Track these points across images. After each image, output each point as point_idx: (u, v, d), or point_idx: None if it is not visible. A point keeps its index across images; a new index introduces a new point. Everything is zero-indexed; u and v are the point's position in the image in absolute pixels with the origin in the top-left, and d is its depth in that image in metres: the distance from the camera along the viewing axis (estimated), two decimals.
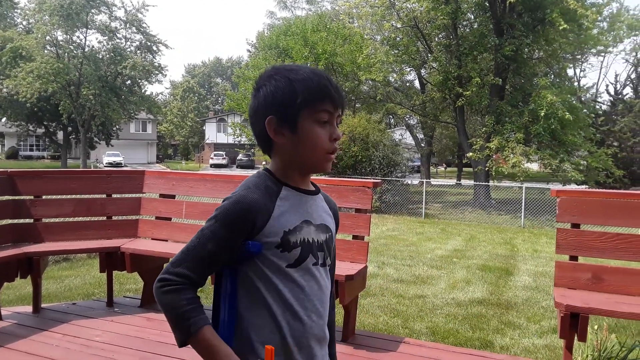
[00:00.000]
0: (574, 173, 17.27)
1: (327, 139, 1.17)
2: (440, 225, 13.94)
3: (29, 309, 3.75)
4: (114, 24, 34.98)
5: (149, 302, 3.98)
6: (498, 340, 4.23)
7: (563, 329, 2.68)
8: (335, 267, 1.37)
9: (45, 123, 38.78)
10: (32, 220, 3.83)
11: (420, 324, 4.58)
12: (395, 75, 23.32)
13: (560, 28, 16.26)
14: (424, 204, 16.51)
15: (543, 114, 16.27)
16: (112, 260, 3.75)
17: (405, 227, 13.15)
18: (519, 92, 19.41)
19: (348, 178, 14.75)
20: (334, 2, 31.95)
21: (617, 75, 43.29)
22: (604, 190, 3.39)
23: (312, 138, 1.16)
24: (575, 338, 2.71)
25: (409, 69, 23.39)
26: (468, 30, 20.69)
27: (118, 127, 41.01)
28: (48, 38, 31.95)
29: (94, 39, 52.90)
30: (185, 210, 3.95)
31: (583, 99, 32.40)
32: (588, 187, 18.83)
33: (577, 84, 33.91)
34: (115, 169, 8.86)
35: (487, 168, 17.89)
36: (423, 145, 30.48)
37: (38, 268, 3.58)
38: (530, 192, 16.49)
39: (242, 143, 36.37)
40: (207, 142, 58.41)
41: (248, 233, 1.12)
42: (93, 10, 33.26)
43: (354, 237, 3.40)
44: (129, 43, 36.12)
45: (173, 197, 4.08)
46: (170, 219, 4.04)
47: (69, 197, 4.08)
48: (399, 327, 4.47)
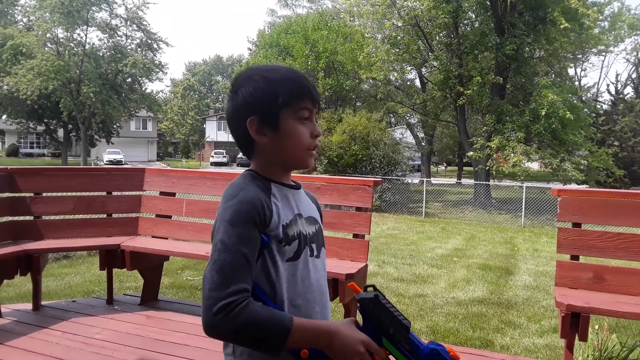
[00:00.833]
0: (575, 172, 17.27)
1: (308, 136, 1.19)
2: (441, 224, 13.94)
3: (29, 307, 3.74)
4: (115, 22, 35.05)
5: (149, 299, 3.97)
6: (498, 340, 4.23)
7: (564, 329, 2.67)
8: (336, 266, 1.36)
9: (46, 120, 38.75)
10: (32, 218, 3.82)
11: (421, 323, 4.57)
12: (396, 74, 23.30)
13: (562, 27, 16.25)
14: (425, 203, 16.51)
15: (544, 113, 16.27)
16: (112, 258, 3.74)
17: (406, 226, 13.15)
18: (520, 91, 19.40)
19: (348, 177, 14.74)
20: (335, 0, 31.95)
21: (617, 75, 43.34)
22: (606, 190, 3.38)
23: (294, 136, 1.18)
24: (576, 338, 2.70)
25: (410, 68, 23.36)
26: (469, 29, 20.67)
27: (118, 124, 40.98)
28: (49, 35, 31.96)
29: (95, 37, 52.86)
30: (186, 208, 3.94)
31: (584, 99, 32.37)
32: (588, 186, 18.81)
33: (578, 84, 33.90)
34: (116, 167, 8.85)
35: (487, 167, 17.88)
36: (423, 144, 30.46)
37: (38, 265, 3.57)
38: (531, 191, 16.49)
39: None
40: (207, 140, 58.41)
41: (262, 227, 1.12)
42: (94, 8, 33.27)
43: (355, 235, 3.39)
44: (130, 41, 36.17)
45: (173, 195, 4.07)
46: (171, 217, 4.03)
47: (69, 194, 4.07)
48: None
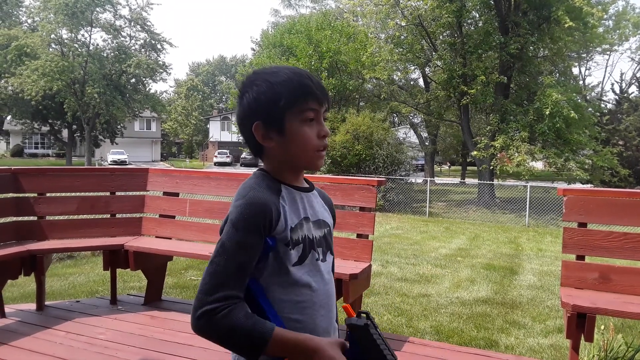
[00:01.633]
0: (579, 172, 17.21)
1: (315, 137, 1.17)
2: (444, 224, 13.91)
3: (33, 307, 3.74)
4: (119, 23, 35.09)
5: (153, 300, 3.97)
6: (503, 340, 4.21)
7: (569, 329, 2.66)
8: (340, 266, 1.36)
9: (50, 121, 38.86)
10: (35, 218, 3.82)
11: (425, 323, 4.55)
12: (400, 74, 23.29)
13: (566, 26, 16.19)
14: (428, 203, 16.47)
15: (548, 113, 16.22)
16: (115, 258, 3.74)
17: (409, 225, 13.12)
18: (524, 90, 19.35)
19: (352, 176, 14.73)
20: (338, 0, 31.92)
21: (622, 74, 43.20)
22: (612, 190, 3.35)
23: (300, 138, 1.16)
24: (582, 338, 2.68)
25: (414, 68, 23.34)
26: (473, 29, 20.62)
27: (122, 125, 41.04)
28: (53, 36, 32.02)
29: (99, 37, 53.11)
30: (189, 208, 3.94)
31: (588, 98, 32.27)
32: (593, 186, 18.75)
33: (582, 83, 33.78)
34: (119, 167, 8.86)
35: (491, 167, 17.84)
36: (427, 144, 30.42)
37: (41, 266, 3.58)
38: (535, 191, 16.44)
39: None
40: (211, 140, 58.50)
41: (268, 232, 1.11)
42: (98, 9, 33.32)
43: (358, 235, 3.37)
44: (134, 41, 36.20)
45: (177, 195, 4.06)
46: (174, 217, 4.03)
47: (73, 194, 4.07)
48: (403, 326, 4.45)
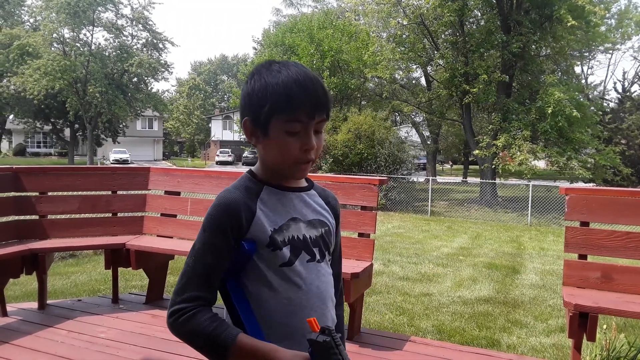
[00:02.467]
0: (582, 171, 17.17)
1: (297, 149, 1.11)
2: (446, 223, 13.89)
3: (35, 305, 3.75)
4: (121, 22, 35.12)
5: (154, 299, 3.97)
6: (505, 339, 4.20)
7: (572, 329, 2.65)
8: (342, 265, 1.34)
9: (52, 120, 38.94)
10: (37, 217, 3.83)
11: (426, 322, 4.55)
12: (402, 73, 23.26)
13: (568, 25, 16.14)
14: (430, 202, 16.45)
15: (550, 112, 16.18)
16: (117, 257, 3.75)
17: (411, 224, 13.11)
18: (526, 89, 19.30)
19: (354, 175, 14.71)
20: None
21: (624, 73, 43.03)
22: (614, 188, 3.35)
23: (280, 147, 1.11)
24: (584, 338, 2.67)
25: (415, 67, 23.28)
26: (475, 27, 20.58)
27: (124, 124, 41.13)
28: (55, 35, 32.05)
29: (101, 37, 53.11)
30: (191, 207, 3.94)
31: (590, 97, 32.19)
32: (595, 185, 18.70)
33: (584, 82, 33.71)
34: (121, 166, 8.88)
35: (493, 166, 17.80)
36: (429, 143, 30.37)
37: (43, 264, 3.58)
38: (537, 189, 16.41)
39: (247, 140, 36.35)
40: (213, 139, 58.51)
41: (238, 233, 1.10)
42: (99, 8, 33.35)
43: (360, 234, 3.37)
44: (135, 40, 36.23)
45: (178, 194, 4.07)
46: (176, 216, 4.03)
47: (75, 193, 4.07)
48: (405, 325, 4.45)
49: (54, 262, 6.01)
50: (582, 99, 20.39)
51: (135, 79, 36.19)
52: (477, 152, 18.19)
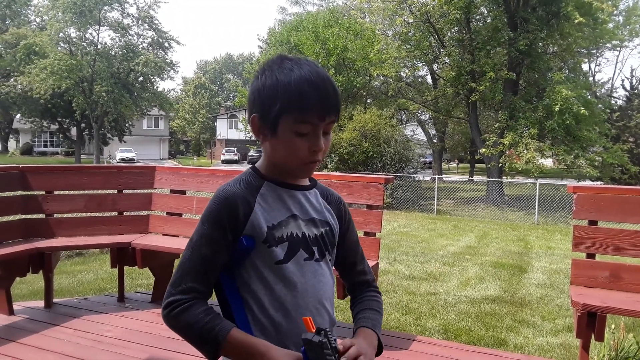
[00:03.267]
0: (589, 169, 17.07)
1: (305, 150, 1.10)
2: (453, 222, 13.85)
3: (41, 304, 3.76)
4: (126, 21, 35.26)
5: (160, 297, 3.96)
6: (512, 339, 4.17)
7: (580, 329, 2.62)
8: None
9: (59, 119, 39.13)
10: (43, 216, 3.84)
11: (433, 322, 4.53)
12: (407, 71, 23.19)
13: (576, 22, 16.05)
14: (436, 200, 16.40)
15: (557, 109, 16.08)
16: (123, 256, 3.75)
17: (417, 223, 13.08)
18: (533, 87, 19.21)
19: (359, 174, 14.69)
20: None
21: (632, 70, 42.69)
22: (623, 187, 3.31)
23: (288, 147, 1.10)
24: (592, 337, 2.65)
25: (421, 64, 23.22)
26: (481, 25, 20.50)
27: (130, 123, 41.31)
28: (61, 35, 32.24)
29: (107, 36, 53.29)
30: (196, 206, 3.93)
31: (598, 94, 32.01)
32: (603, 183, 18.59)
33: (592, 79, 33.51)
34: (127, 165, 8.90)
35: (500, 164, 17.73)
36: (435, 141, 30.29)
37: (49, 263, 3.59)
38: (544, 188, 16.32)
39: (253, 139, 36.45)
40: (218, 138, 58.62)
41: (235, 227, 1.10)
42: (105, 7, 33.48)
43: (366, 233, 3.36)
44: (141, 40, 36.38)
45: (184, 192, 4.06)
46: (181, 215, 4.03)
47: (81, 192, 4.08)
48: (411, 324, 4.43)
49: (60, 260, 6.03)
50: (589, 97, 20.28)
51: (141, 78, 36.31)
52: (483, 150, 18.12)
